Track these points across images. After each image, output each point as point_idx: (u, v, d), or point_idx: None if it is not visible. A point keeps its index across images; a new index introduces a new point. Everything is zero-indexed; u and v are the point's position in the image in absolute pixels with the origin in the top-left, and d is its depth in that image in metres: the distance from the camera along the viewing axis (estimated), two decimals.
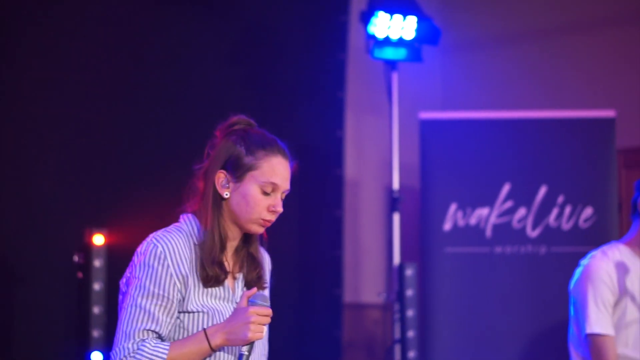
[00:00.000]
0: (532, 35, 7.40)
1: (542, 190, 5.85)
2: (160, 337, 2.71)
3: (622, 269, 4.01)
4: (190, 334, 2.73)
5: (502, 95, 7.36)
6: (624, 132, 6.32)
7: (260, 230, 2.80)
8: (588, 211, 5.81)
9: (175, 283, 2.72)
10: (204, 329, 2.69)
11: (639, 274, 4.05)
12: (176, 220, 2.85)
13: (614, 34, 7.08)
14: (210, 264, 2.76)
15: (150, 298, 2.70)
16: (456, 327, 5.82)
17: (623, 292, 4.01)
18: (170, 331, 2.73)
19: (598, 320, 3.95)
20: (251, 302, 2.69)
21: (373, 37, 6.00)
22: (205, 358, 2.71)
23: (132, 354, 2.66)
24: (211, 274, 2.75)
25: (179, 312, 2.73)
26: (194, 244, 2.78)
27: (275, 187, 2.80)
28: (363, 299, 6.82)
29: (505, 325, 5.77)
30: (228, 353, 2.76)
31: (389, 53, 6.05)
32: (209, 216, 2.79)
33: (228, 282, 2.81)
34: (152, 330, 2.69)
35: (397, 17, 5.94)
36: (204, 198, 2.81)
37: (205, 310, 2.74)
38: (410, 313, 5.66)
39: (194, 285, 2.75)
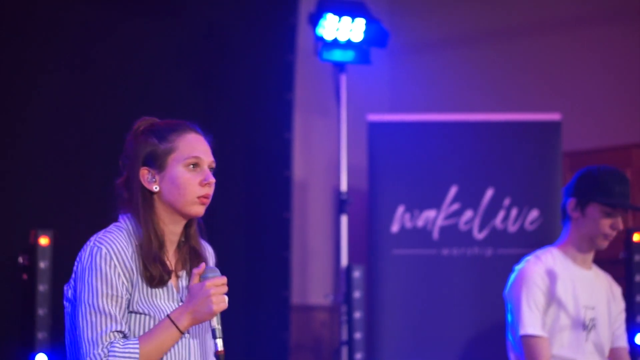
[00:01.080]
0: (480, 39, 7.45)
1: (489, 193, 5.89)
2: (125, 336, 2.70)
3: (554, 275, 4.07)
4: (134, 336, 2.72)
5: (450, 98, 7.40)
6: (569, 135, 6.38)
7: (201, 210, 2.79)
8: (534, 213, 5.86)
9: (123, 282, 2.72)
10: (168, 315, 2.69)
11: (571, 277, 4.10)
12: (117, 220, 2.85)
13: (560, 37, 7.14)
14: (152, 263, 2.75)
15: (106, 299, 2.68)
16: (403, 328, 5.83)
17: (555, 297, 4.06)
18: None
19: (531, 322, 4.01)
20: (203, 278, 2.71)
21: (321, 39, 6.00)
22: (176, 343, 2.72)
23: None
24: (154, 274, 2.75)
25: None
26: (135, 244, 2.77)
27: (198, 160, 2.80)
28: (310, 301, 6.82)
29: (452, 327, 5.80)
30: (194, 338, 2.79)
31: (338, 55, 6.06)
32: (142, 217, 2.78)
33: (172, 281, 2.80)
34: (117, 331, 2.68)
35: (346, 19, 5.95)
36: (133, 201, 2.80)
37: (150, 313, 2.73)
38: (357, 315, 5.66)
39: (140, 285, 2.74)
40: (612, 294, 4.26)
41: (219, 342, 2.71)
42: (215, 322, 2.71)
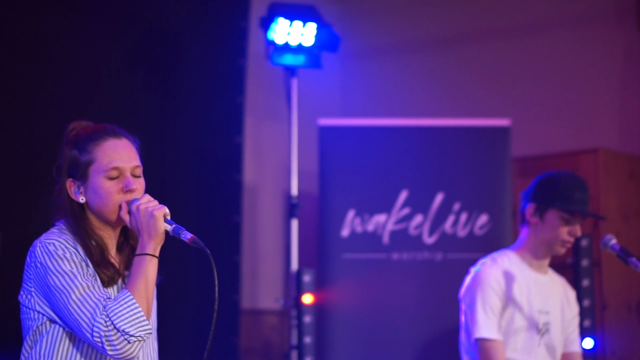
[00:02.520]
0: (431, 45, 7.49)
1: (439, 198, 5.91)
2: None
3: (510, 277, 4.09)
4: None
5: (401, 103, 7.43)
6: (519, 140, 6.43)
7: (126, 216, 2.80)
8: (483, 218, 5.89)
9: (83, 265, 2.75)
10: (135, 254, 2.74)
11: (527, 281, 4.13)
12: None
13: (510, 44, 7.20)
14: (99, 268, 2.77)
15: (79, 276, 2.70)
16: (353, 332, 5.84)
17: (511, 299, 4.08)
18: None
19: (486, 325, 4.02)
20: (131, 204, 2.77)
21: (273, 43, 6.00)
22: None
23: (108, 322, 2.64)
24: (103, 278, 2.77)
25: None
26: (80, 248, 2.80)
27: (119, 170, 2.81)
28: (260, 305, 6.82)
29: (401, 331, 5.82)
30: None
31: (289, 59, 6.06)
32: (73, 228, 2.82)
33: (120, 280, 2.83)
34: (104, 298, 2.69)
35: (297, 23, 5.95)
36: (65, 211, 2.85)
37: None
38: (307, 319, 5.66)
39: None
40: (567, 299, 4.29)
41: (186, 233, 2.77)
42: (170, 229, 2.77)
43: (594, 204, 6.09)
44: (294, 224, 6.05)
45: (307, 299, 5.68)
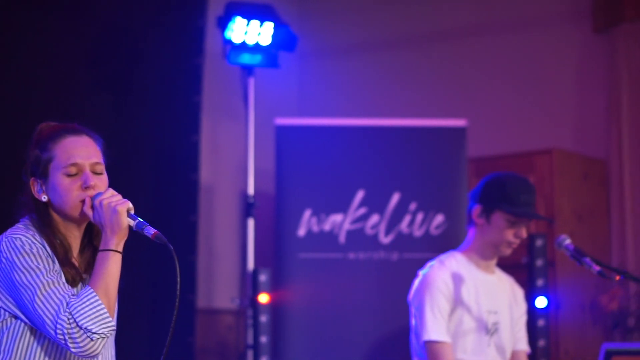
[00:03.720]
0: (388, 45, 7.51)
1: (395, 197, 5.93)
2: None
3: (458, 279, 4.11)
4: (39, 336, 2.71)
5: (358, 103, 7.45)
6: (475, 141, 6.46)
7: (90, 211, 2.79)
8: (439, 218, 5.92)
9: (49, 262, 2.74)
10: (99, 250, 2.74)
11: (474, 282, 4.15)
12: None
13: (467, 45, 7.23)
14: (63, 266, 2.77)
15: (44, 272, 2.69)
16: (309, 332, 5.85)
17: (459, 301, 4.10)
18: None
19: (435, 327, 4.03)
20: (94, 198, 2.76)
21: (230, 42, 6.00)
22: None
23: (70, 320, 2.62)
24: (67, 277, 2.76)
25: None
26: (45, 245, 2.79)
27: (77, 166, 2.81)
28: (216, 305, 6.80)
29: (357, 330, 5.83)
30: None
31: (246, 58, 6.05)
32: (38, 226, 2.81)
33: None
34: (68, 294, 2.67)
35: (254, 22, 5.95)
36: (29, 209, 2.85)
37: None
38: (263, 318, 5.66)
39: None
40: (514, 298, 4.31)
41: (150, 228, 2.77)
42: (133, 223, 2.77)
43: (548, 204, 6.14)
44: (250, 223, 6.04)
45: (263, 298, 5.67)
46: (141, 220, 2.77)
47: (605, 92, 6.66)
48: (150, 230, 2.76)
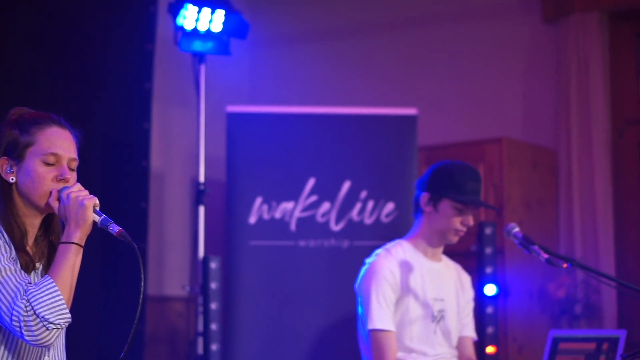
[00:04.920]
0: (340, 33, 7.52)
1: (346, 186, 5.95)
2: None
3: (405, 267, 4.13)
4: None
5: (310, 91, 7.45)
6: (425, 129, 6.50)
7: (55, 203, 2.79)
8: (390, 206, 5.94)
9: (6, 248, 2.73)
10: (61, 241, 2.73)
11: (421, 270, 4.17)
12: None
13: (417, 34, 7.26)
14: (17, 251, 2.75)
15: (3, 260, 2.68)
16: (260, 319, 5.85)
17: (405, 289, 4.12)
18: None
19: (380, 316, 4.05)
20: (62, 191, 2.76)
21: (181, 28, 5.98)
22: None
23: (28, 307, 2.61)
24: (21, 262, 2.74)
25: None
26: (2, 231, 2.77)
27: (57, 157, 2.81)
28: (167, 292, 6.79)
29: (308, 318, 5.85)
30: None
31: (197, 45, 6.04)
32: (0, 206, 2.79)
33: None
34: (26, 283, 2.66)
35: (206, 10, 5.93)
36: None
37: None
38: (213, 306, 5.66)
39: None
40: (461, 285, 4.34)
41: (115, 226, 2.78)
42: (98, 219, 2.77)
43: (498, 192, 6.20)
44: (201, 210, 6.04)
45: (214, 285, 5.68)
46: (106, 217, 2.77)
47: (555, 81, 6.72)
48: (115, 228, 2.77)
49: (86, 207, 2.73)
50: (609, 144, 6.57)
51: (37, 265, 2.83)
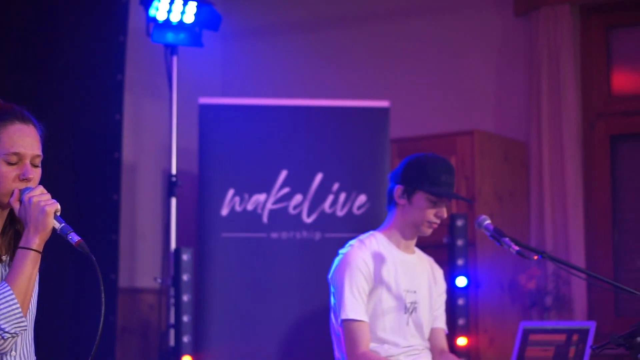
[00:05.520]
0: (313, 25, 7.52)
1: (318, 178, 5.95)
2: None
3: (378, 258, 4.14)
4: None
5: (282, 83, 7.45)
6: (397, 122, 6.51)
7: (16, 204, 2.76)
8: (362, 198, 5.96)
9: None
10: (19, 246, 2.69)
11: (394, 261, 4.19)
12: None
13: (390, 26, 7.27)
14: None
15: None
16: (232, 311, 5.85)
17: (379, 280, 4.13)
18: None
19: (353, 307, 4.06)
20: (23, 193, 2.73)
21: (154, 20, 5.96)
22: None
23: None
24: None
25: None
26: None
27: (19, 156, 2.77)
28: (139, 284, 6.78)
29: (279, 309, 5.85)
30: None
31: (169, 37, 6.03)
32: None
33: None
34: None
35: (178, 1, 5.92)
36: None
37: None
38: (185, 298, 5.66)
39: None
40: (434, 277, 4.36)
41: (74, 235, 2.74)
42: (58, 227, 2.73)
43: (470, 185, 6.22)
44: (173, 202, 6.03)
45: (186, 277, 5.67)
46: (67, 224, 2.74)
47: (526, 74, 6.75)
48: (75, 238, 2.73)
49: (47, 214, 2.69)
50: (580, 136, 6.61)
51: (4, 258, 2.81)
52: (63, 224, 2.74)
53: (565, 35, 6.55)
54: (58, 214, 2.74)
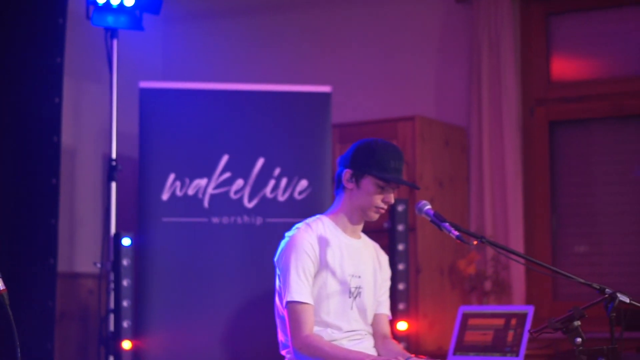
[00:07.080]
0: (255, 9, 7.50)
1: (260, 162, 5.95)
2: None
3: (324, 242, 4.15)
4: None
5: (223, 68, 7.43)
6: (339, 107, 6.52)
7: None
8: (303, 183, 5.96)
9: None
10: None
11: (340, 246, 4.19)
12: None
13: (333, 11, 7.28)
14: None
15: None
16: (172, 296, 5.84)
17: (324, 264, 4.14)
18: None
19: (298, 289, 4.07)
20: None
21: (94, 2, 5.91)
22: None
23: None
24: None
25: None
26: None
27: None
28: (78, 269, 6.73)
29: (221, 294, 5.85)
30: None
31: (110, 20, 5.98)
32: None
33: None
34: None
35: None
36: None
37: None
38: (125, 283, 5.63)
39: None
40: (379, 263, 4.37)
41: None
42: None
43: (410, 170, 6.25)
44: (113, 187, 5.99)
45: (125, 262, 5.65)
46: None
47: (467, 61, 6.79)
48: None
49: None
50: (519, 122, 6.67)
51: None
52: None
53: (505, 21, 6.59)
54: None
